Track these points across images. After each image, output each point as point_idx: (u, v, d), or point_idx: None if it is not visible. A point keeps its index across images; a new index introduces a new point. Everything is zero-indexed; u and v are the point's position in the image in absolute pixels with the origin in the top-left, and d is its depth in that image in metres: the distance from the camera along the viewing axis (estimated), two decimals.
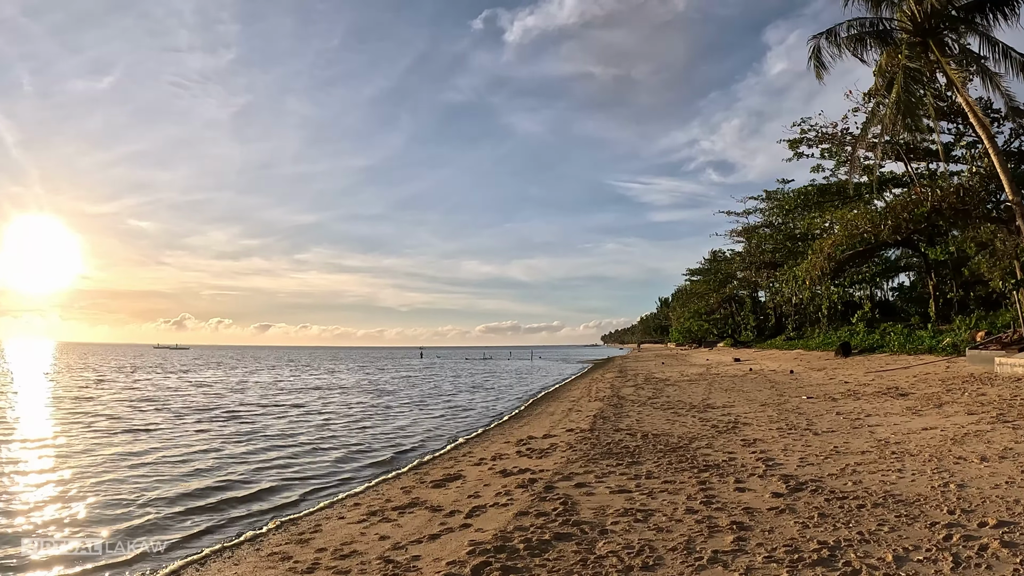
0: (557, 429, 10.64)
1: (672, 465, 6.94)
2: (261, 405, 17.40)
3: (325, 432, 12.16)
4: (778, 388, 15.81)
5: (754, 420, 10.31)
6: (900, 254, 36.20)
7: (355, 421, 13.98)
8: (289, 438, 11.40)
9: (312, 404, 17.84)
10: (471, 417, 15.21)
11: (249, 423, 13.48)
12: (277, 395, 21.02)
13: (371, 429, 12.70)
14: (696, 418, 10.88)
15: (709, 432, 9.22)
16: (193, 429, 12.38)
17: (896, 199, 24.20)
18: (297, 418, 14.55)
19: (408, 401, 19.04)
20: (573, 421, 11.53)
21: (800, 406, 11.87)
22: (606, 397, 15.85)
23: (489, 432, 11.79)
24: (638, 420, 10.95)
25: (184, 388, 23.59)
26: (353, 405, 17.69)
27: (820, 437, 8.42)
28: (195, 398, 19.25)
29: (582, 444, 8.64)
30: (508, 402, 19.07)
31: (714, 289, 60.53)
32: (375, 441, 11.22)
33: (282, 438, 11.38)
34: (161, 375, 33.24)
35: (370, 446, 10.70)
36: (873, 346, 25.20)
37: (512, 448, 9.05)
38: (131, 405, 16.85)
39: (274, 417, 14.64)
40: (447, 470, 7.81)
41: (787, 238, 39.47)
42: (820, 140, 27.28)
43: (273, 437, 11.46)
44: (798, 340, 37.15)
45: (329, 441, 11.10)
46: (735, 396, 14.41)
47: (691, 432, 9.32)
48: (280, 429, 12.58)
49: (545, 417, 13.13)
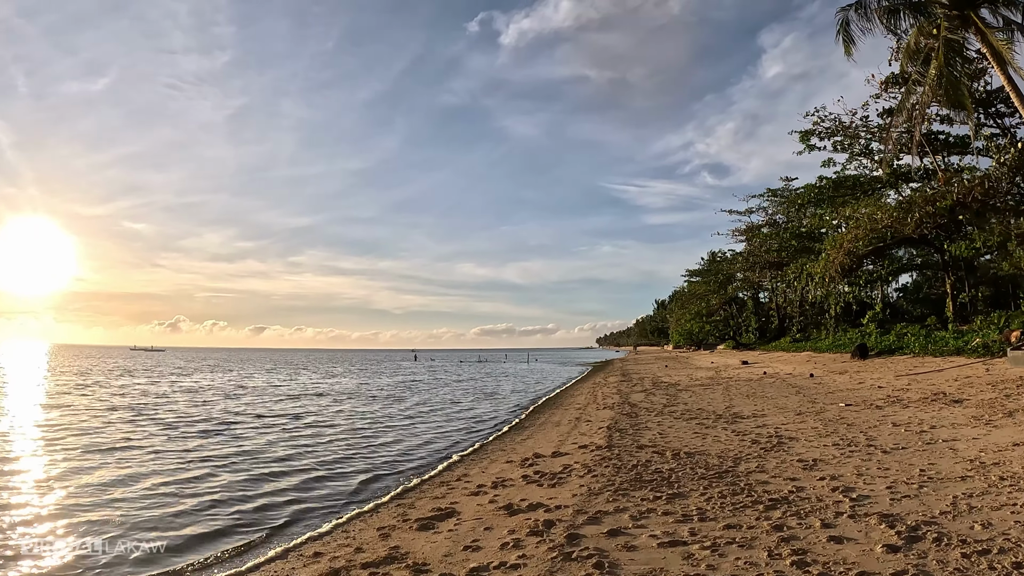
0: (568, 444, 9.10)
1: (725, 499, 5.41)
2: (249, 415, 15.74)
3: (301, 442, 10.57)
4: (805, 394, 14.33)
5: (799, 433, 8.80)
6: (903, 254, 35.03)
7: (338, 428, 12.38)
8: (261, 454, 9.79)
9: (290, 412, 16.21)
10: (466, 425, 13.65)
11: (231, 436, 11.84)
12: (267, 402, 19.33)
13: (354, 439, 11.12)
14: (728, 431, 9.36)
15: (753, 450, 7.70)
16: (165, 445, 10.74)
17: (917, 193, 22.91)
18: (271, 427, 12.92)
19: (401, 406, 17.44)
20: (585, 434, 9.98)
21: (843, 415, 10.38)
22: (615, 404, 14.32)
23: (488, 447, 10.22)
24: (661, 433, 9.42)
25: (170, 395, 21.82)
26: (343, 411, 16.07)
27: (892, 456, 6.92)
28: (179, 407, 17.53)
29: (603, 466, 7.09)
30: (507, 409, 17.52)
31: (714, 290, 59.17)
32: (356, 455, 9.64)
33: (259, 455, 9.77)
34: (149, 380, 31.33)
35: (350, 461, 9.12)
36: (891, 348, 23.82)
37: (517, 470, 7.50)
38: (109, 414, 15.15)
39: (256, 429, 13.00)
40: (437, 501, 6.26)
41: (793, 236, 38.15)
42: (832, 132, 25.99)
43: (252, 454, 9.85)
44: (805, 342, 35.79)
45: (305, 456, 9.50)
46: (762, 403, 12.92)
47: (730, 449, 7.80)
48: (260, 443, 10.97)
49: (551, 428, 11.57)
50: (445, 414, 16.17)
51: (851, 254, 23.27)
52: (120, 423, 13.48)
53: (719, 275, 57.11)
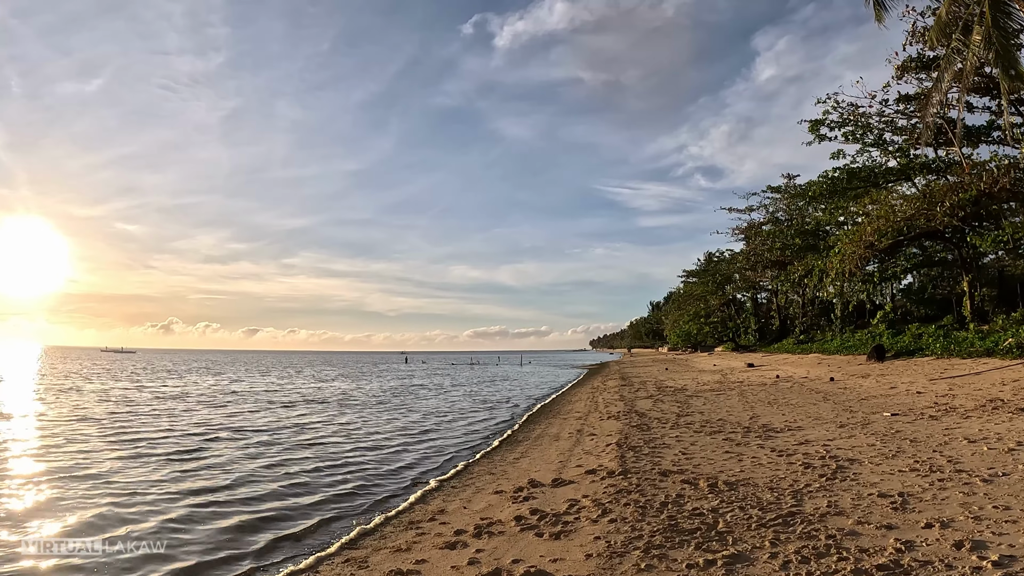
0: (571, 467, 7.40)
1: (810, 564, 3.73)
2: (225, 429, 13.90)
3: (261, 462, 8.81)
4: (835, 400, 12.72)
5: (856, 453, 7.14)
6: (914, 251, 33.61)
7: (308, 442, 10.61)
8: (213, 478, 8.00)
9: (262, 426, 14.38)
10: (450, 436, 11.92)
11: (205, 457, 10.02)
12: (239, 413, 17.45)
13: (325, 454, 9.37)
14: (767, 449, 7.70)
15: (810, 477, 6.03)
16: (118, 472, 8.92)
17: (941, 182, 21.44)
18: (239, 442, 11.09)
19: (383, 415, 15.66)
20: (591, 453, 8.29)
21: (896, 428, 8.75)
22: (621, 414, 12.64)
23: (474, 468, 8.50)
24: (684, 453, 7.74)
25: (146, 403, 19.81)
26: (313, 421, 14.26)
27: (998, 487, 5.27)
28: (156, 419, 15.64)
29: (621, 503, 5.40)
30: (498, 416, 15.81)
31: (712, 291, 57.67)
32: (322, 478, 7.89)
33: (211, 478, 7.99)
34: (134, 385, 29.27)
35: (310, 488, 7.38)
36: (909, 349, 22.32)
37: (508, 505, 5.80)
38: (72, 427, 13.25)
39: (221, 444, 11.17)
40: (399, 557, 4.55)
41: (798, 233, 36.65)
42: (843, 123, 24.48)
43: (204, 475, 8.06)
44: (811, 344, 34.28)
45: (261, 482, 7.73)
46: (790, 412, 11.27)
47: (780, 476, 6.13)
48: (214, 463, 9.17)
49: (549, 444, 9.87)
50: (428, 424, 14.43)
51: (871, 247, 21.74)
52: (83, 438, 11.62)
53: (717, 275, 55.59)
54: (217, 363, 68.06)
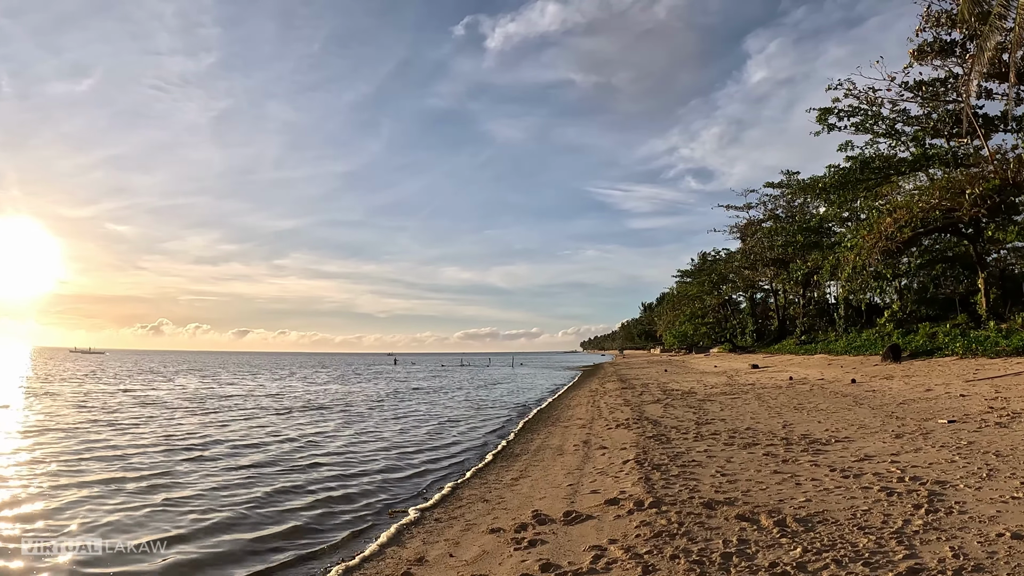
0: (585, 494, 5.94)
1: None
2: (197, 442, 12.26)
3: (208, 484, 7.29)
4: (871, 405, 11.35)
5: (936, 471, 5.73)
6: (925, 246, 32.51)
7: (275, 457, 9.08)
8: (137, 511, 6.46)
9: (231, 438, 12.77)
10: (438, 446, 10.42)
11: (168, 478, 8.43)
12: (226, 419, 15.78)
13: (291, 473, 7.86)
14: (822, 467, 6.27)
15: (901, 509, 4.60)
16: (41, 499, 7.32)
17: (962, 172, 20.24)
18: (194, 458, 9.51)
19: (363, 422, 14.11)
20: (606, 473, 6.83)
21: (962, 437, 7.36)
22: (631, 421, 11.19)
23: (462, 493, 7.00)
24: (723, 472, 6.30)
25: (122, 410, 18.04)
26: (282, 431, 12.69)
27: None
28: (122, 433, 13.95)
29: (667, 558, 3.93)
30: (491, 423, 14.33)
31: (707, 291, 56.43)
32: (285, 505, 6.38)
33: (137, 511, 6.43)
34: (114, 388, 27.40)
35: (266, 521, 5.88)
36: (926, 349, 21.10)
37: (507, 554, 4.33)
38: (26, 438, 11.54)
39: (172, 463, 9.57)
40: None
41: (800, 230, 35.47)
42: (853, 112, 23.27)
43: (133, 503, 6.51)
44: (815, 344, 33.05)
45: (203, 517, 6.20)
46: (826, 419, 9.88)
47: (861, 507, 4.70)
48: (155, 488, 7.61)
49: (552, 460, 8.39)
50: (411, 433, 12.91)
51: (891, 238, 20.45)
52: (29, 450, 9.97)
53: (713, 275, 54.38)
54: (192, 365, 65.69)
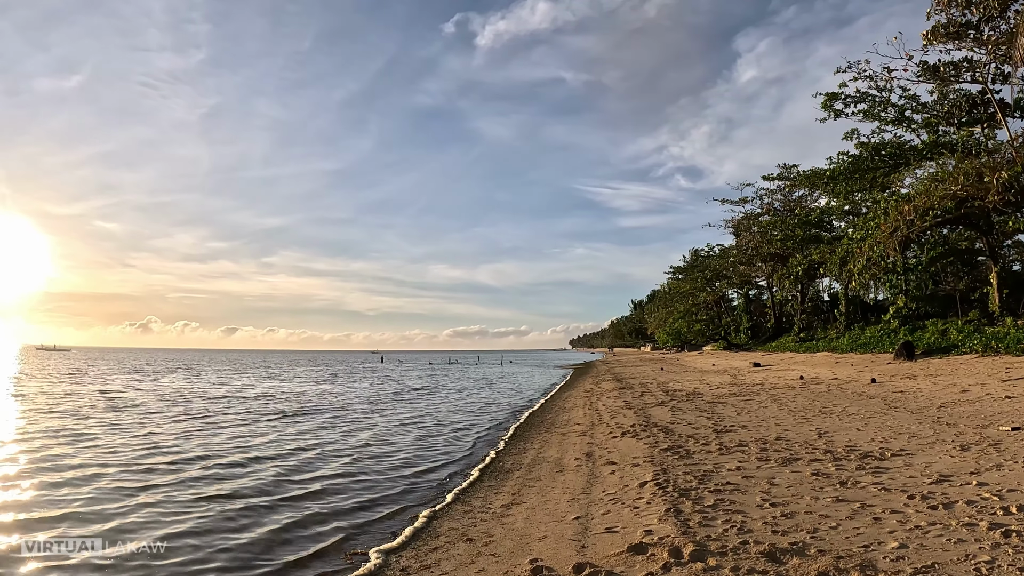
0: (598, 533, 4.53)
1: None
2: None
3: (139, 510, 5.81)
4: (907, 409, 10.07)
5: None
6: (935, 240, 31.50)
7: (219, 477, 7.59)
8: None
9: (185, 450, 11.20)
10: (414, 456, 8.98)
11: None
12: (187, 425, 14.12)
13: (235, 500, 6.40)
14: (893, 491, 4.91)
15: None
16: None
17: (986, 159, 19.11)
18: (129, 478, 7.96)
19: (335, 428, 12.63)
20: (621, 500, 5.42)
21: None
22: (638, 427, 9.81)
23: (440, 526, 5.55)
24: (771, 500, 4.91)
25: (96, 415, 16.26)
26: (263, 436, 11.16)
27: None
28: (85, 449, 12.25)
29: None
30: (478, 428, 12.90)
31: (701, 287, 55.31)
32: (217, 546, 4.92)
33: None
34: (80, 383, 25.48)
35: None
36: (941, 346, 19.99)
37: None
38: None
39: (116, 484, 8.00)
40: None
41: (800, 223, 34.34)
42: (862, 98, 22.12)
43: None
44: (817, 342, 31.94)
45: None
46: (866, 427, 8.55)
47: (978, 557, 3.32)
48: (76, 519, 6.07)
49: (551, 479, 6.98)
50: (389, 440, 11.45)
51: (911, 226, 19.22)
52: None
53: (707, 271, 53.26)
54: (179, 364, 63.43)
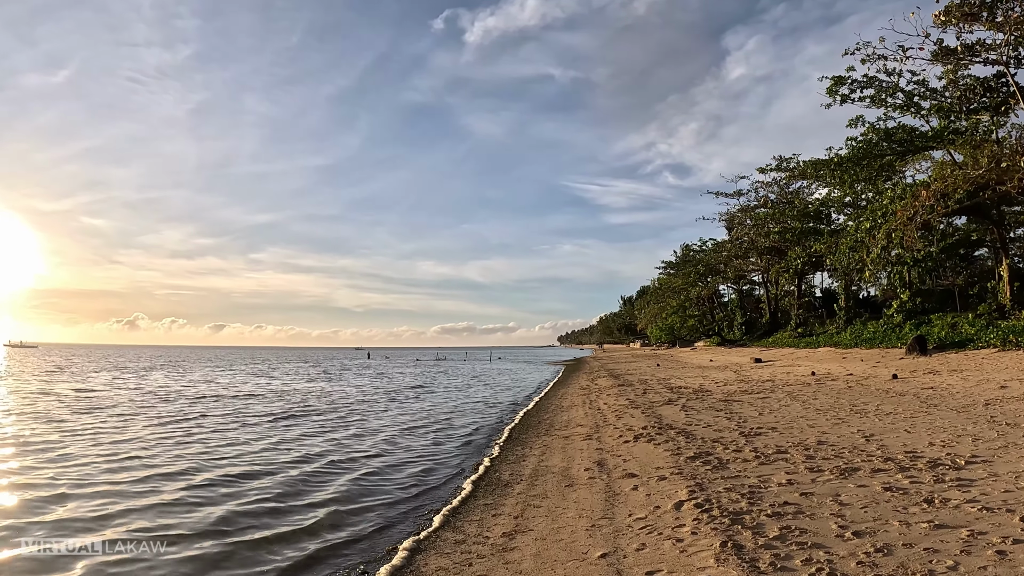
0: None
1: None
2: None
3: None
4: (948, 407, 9.04)
5: None
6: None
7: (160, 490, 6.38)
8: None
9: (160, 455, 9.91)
10: (395, 464, 7.81)
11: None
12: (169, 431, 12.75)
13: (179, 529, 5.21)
14: (1003, 514, 3.80)
15: None
16: None
17: (999, 145, 18.22)
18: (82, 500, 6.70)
19: (312, 441, 11.41)
20: (654, 527, 4.26)
21: None
22: (650, 430, 8.68)
23: (426, 563, 4.37)
24: (855, 530, 3.78)
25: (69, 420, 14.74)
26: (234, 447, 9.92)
27: None
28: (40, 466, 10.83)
29: None
30: (469, 428, 11.73)
31: (693, 282, 54.49)
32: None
33: None
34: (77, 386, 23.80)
35: None
36: (955, 340, 19.14)
37: None
38: None
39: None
40: None
41: (799, 215, 33.53)
42: (868, 83, 21.17)
43: None
44: (816, 337, 31.16)
45: None
46: (916, 428, 7.49)
47: None
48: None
49: (559, 495, 5.81)
50: (370, 443, 10.25)
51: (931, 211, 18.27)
52: None
53: (699, 266, 52.41)
54: (166, 360, 61.47)
